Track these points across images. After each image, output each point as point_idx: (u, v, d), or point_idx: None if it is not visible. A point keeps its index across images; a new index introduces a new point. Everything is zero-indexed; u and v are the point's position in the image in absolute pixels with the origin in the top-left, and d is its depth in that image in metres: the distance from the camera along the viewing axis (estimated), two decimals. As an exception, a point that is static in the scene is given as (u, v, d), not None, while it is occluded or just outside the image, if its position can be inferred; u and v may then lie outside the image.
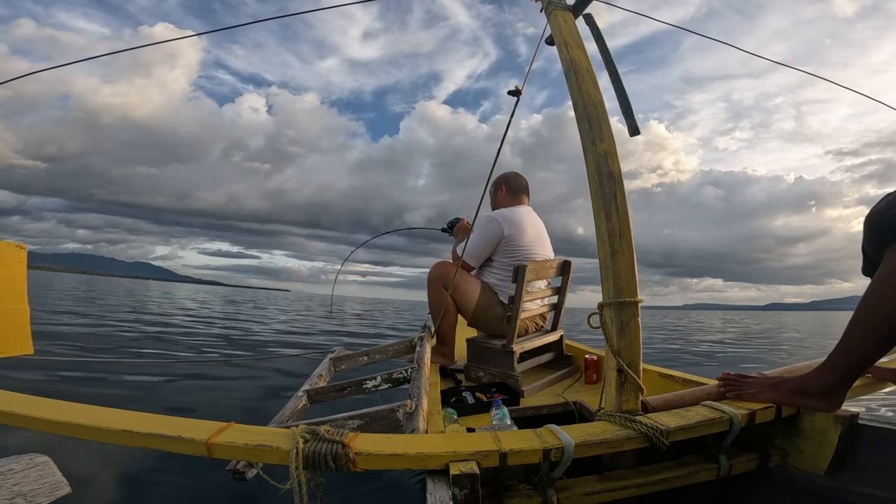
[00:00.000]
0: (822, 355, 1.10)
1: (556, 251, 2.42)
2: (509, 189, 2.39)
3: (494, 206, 2.42)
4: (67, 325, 6.51)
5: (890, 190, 0.98)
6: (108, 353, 4.52)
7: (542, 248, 2.30)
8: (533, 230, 2.26)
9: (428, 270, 2.29)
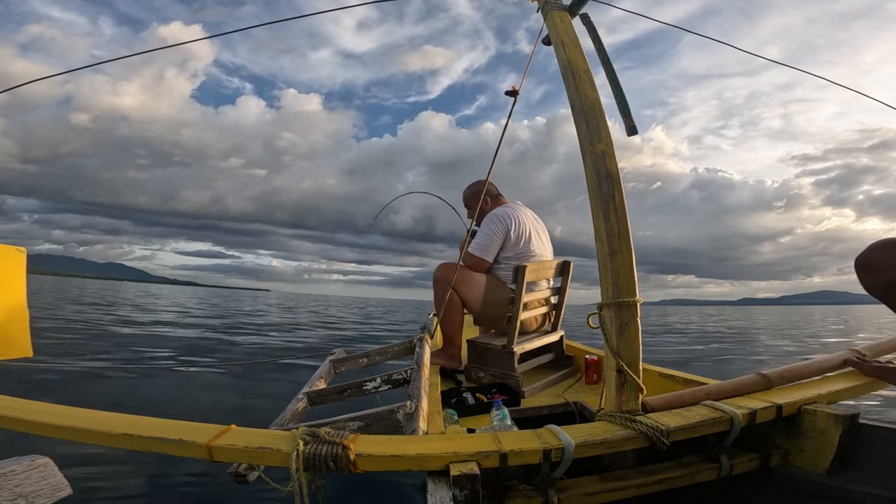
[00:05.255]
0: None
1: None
2: (489, 195, 2.49)
3: (481, 216, 2.40)
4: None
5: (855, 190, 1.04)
6: (107, 358, 4.51)
7: (544, 243, 2.37)
8: (530, 224, 2.34)
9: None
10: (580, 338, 2.78)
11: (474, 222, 2.37)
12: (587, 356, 2.10)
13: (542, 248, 2.36)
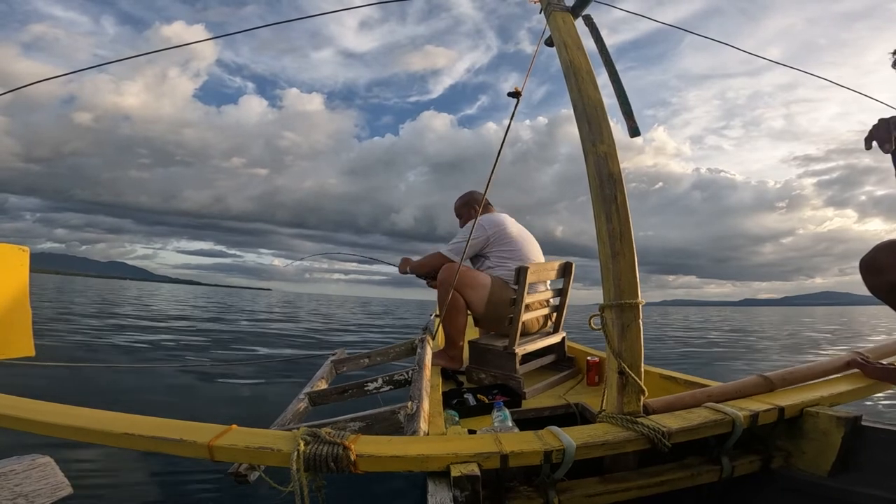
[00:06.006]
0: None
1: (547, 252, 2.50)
2: (479, 204, 2.55)
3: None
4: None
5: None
6: (109, 357, 4.53)
7: (530, 244, 2.43)
8: (515, 229, 2.42)
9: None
10: (581, 338, 2.78)
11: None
12: (588, 357, 2.10)
13: (534, 248, 2.44)
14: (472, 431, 1.11)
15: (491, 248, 2.36)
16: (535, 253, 2.44)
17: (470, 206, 2.63)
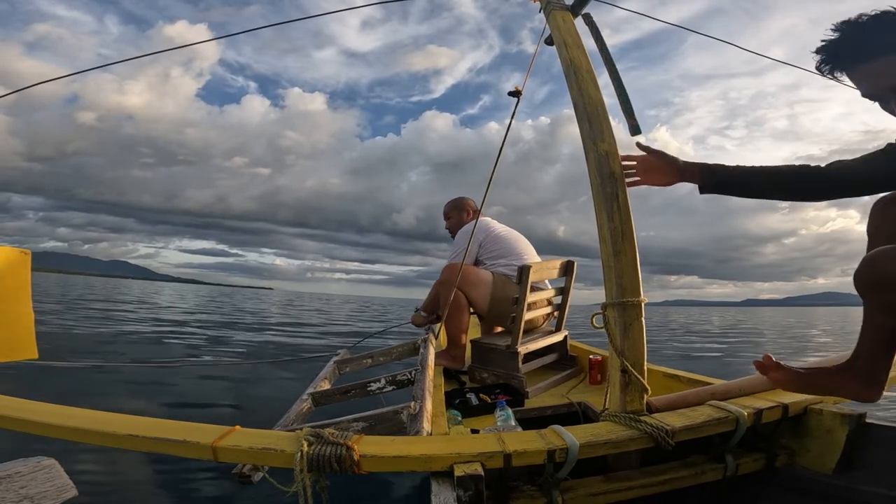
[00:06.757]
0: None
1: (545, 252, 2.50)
2: (471, 208, 2.77)
3: (459, 228, 2.68)
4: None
5: None
6: (112, 359, 4.53)
7: (518, 241, 2.49)
8: (500, 228, 2.50)
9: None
10: (582, 335, 2.78)
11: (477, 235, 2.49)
12: (591, 356, 2.10)
13: (523, 244, 2.48)
14: (475, 431, 1.11)
15: (482, 252, 2.42)
16: (525, 249, 2.46)
17: (461, 210, 2.73)
